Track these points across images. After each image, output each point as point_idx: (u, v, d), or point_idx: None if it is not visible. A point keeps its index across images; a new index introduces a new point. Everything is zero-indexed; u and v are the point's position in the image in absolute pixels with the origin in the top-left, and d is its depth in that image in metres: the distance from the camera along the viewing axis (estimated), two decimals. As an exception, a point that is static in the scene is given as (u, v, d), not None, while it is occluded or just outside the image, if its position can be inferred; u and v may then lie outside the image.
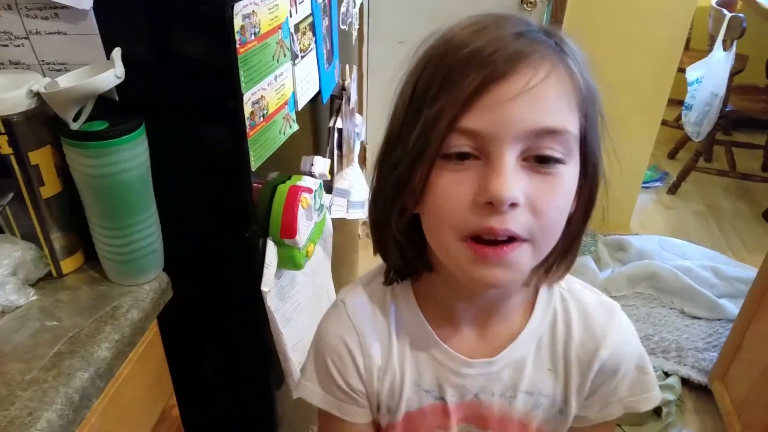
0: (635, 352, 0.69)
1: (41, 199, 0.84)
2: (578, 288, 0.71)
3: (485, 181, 0.52)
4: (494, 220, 0.52)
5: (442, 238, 0.57)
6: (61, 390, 0.70)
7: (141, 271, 0.90)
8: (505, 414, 0.69)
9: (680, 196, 3.26)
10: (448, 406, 0.69)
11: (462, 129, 0.52)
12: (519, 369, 0.67)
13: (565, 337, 0.67)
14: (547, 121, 0.52)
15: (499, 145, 0.52)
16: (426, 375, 0.68)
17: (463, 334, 0.68)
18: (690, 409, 1.95)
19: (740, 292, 2.19)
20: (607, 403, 0.70)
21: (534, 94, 0.51)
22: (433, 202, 0.56)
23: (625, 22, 2.37)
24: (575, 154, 0.56)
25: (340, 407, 0.71)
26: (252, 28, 0.83)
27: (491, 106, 0.51)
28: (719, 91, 2.90)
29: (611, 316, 0.68)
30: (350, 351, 0.68)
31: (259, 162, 0.91)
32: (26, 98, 0.78)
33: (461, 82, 0.51)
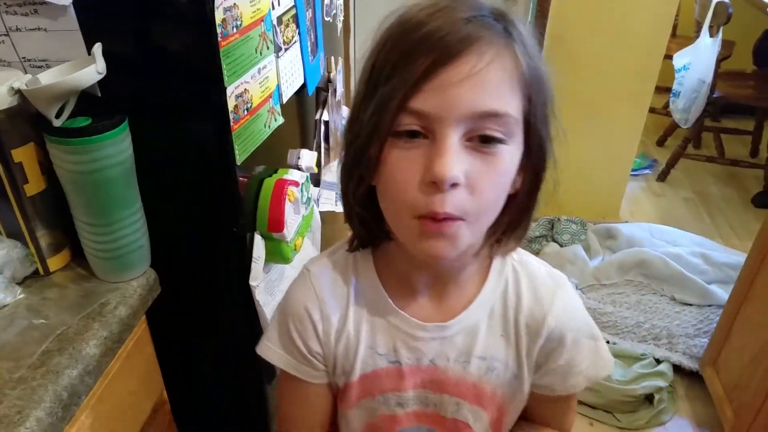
0: (583, 321, 0.74)
1: (26, 197, 0.83)
2: (529, 260, 0.75)
3: (430, 161, 0.56)
4: (437, 200, 0.56)
5: (393, 213, 0.62)
6: (49, 388, 0.70)
7: (128, 268, 0.89)
8: (460, 378, 0.72)
9: (669, 183, 3.28)
10: (402, 369, 0.72)
11: (411, 109, 0.56)
12: (472, 335, 0.71)
13: (515, 305, 0.71)
14: (489, 105, 0.55)
15: (444, 126, 0.55)
16: (381, 339, 0.72)
17: (418, 301, 0.72)
18: (682, 396, 1.96)
19: (730, 277, 2.20)
20: (568, 375, 0.73)
21: (478, 78, 0.55)
22: (385, 177, 0.60)
23: (611, 10, 2.37)
24: (517, 135, 0.60)
25: (298, 368, 0.75)
26: (234, 21, 0.82)
27: (438, 89, 0.55)
28: (706, 78, 2.91)
29: (558, 287, 0.72)
30: (311, 316, 0.72)
31: (244, 156, 0.91)
32: (8, 96, 0.77)
33: (412, 65, 0.55)
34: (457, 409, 0.74)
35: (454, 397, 0.73)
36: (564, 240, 2.59)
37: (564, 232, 2.61)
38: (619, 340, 2.09)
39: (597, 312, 2.16)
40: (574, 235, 2.60)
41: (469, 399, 0.73)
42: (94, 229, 0.85)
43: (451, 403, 0.73)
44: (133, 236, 0.87)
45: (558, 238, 2.61)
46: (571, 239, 2.59)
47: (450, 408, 0.74)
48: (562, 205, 2.76)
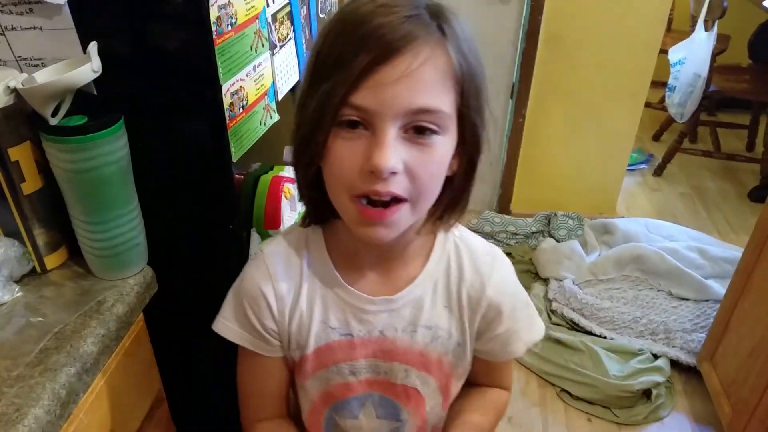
0: (518, 291, 0.81)
1: (23, 196, 0.84)
2: (468, 236, 0.80)
3: (370, 152, 0.60)
4: (378, 184, 0.61)
5: (336, 196, 0.67)
6: (47, 386, 0.70)
7: (125, 266, 0.90)
8: (408, 347, 0.77)
9: (666, 178, 3.28)
10: (354, 341, 0.77)
11: (351, 104, 0.60)
12: (418, 307, 0.76)
13: (458, 278, 0.77)
14: (422, 102, 0.60)
15: (382, 121, 0.60)
16: (333, 314, 0.76)
17: (366, 277, 0.76)
18: (679, 391, 1.97)
19: (727, 272, 2.21)
20: (508, 342, 0.80)
21: (412, 78, 0.59)
22: (329, 164, 0.64)
23: (607, 5, 2.37)
24: (450, 126, 0.64)
25: (254, 342, 0.78)
26: (228, 18, 0.82)
27: (375, 87, 0.59)
28: (702, 72, 2.91)
29: (495, 261, 0.79)
30: (265, 295, 0.76)
31: (240, 153, 0.91)
32: (3, 95, 0.77)
33: (351, 64, 0.59)
34: (405, 375, 0.79)
35: (402, 365, 0.78)
36: (560, 235, 2.60)
37: (560, 228, 2.62)
38: (617, 336, 2.10)
39: (594, 307, 2.17)
40: (570, 231, 2.61)
41: (417, 366, 0.78)
42: (90, 227, 0.85)
43: (400, 371, 0.79)
44: (130, 234, 0.88)
45: (554, 234, 2.61)
46: (568, 235, 2.60)
47: (399, 375, 0.79)
48: (559, 201, 2.76)
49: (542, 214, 2.69)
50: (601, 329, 2.12)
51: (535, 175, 2.76)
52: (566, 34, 2.44)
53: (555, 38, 2.45)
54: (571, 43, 2.46)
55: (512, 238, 2.64)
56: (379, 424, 0.83)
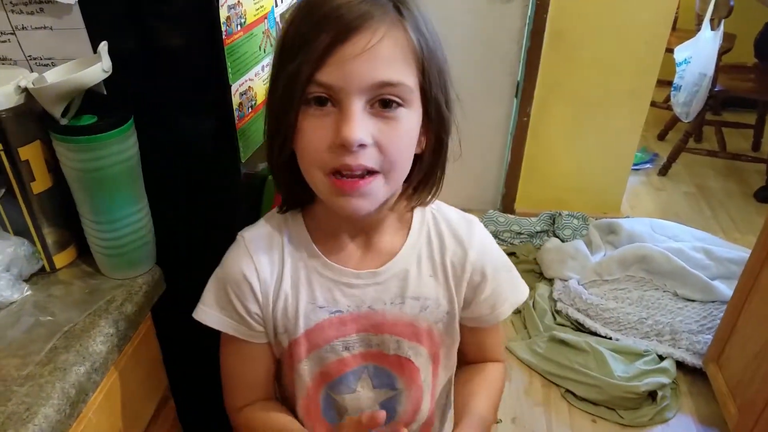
0: (499, 254, 0.84)
1: (32, 195, 0.84)
2: (443, 207, 0.83)
3: (338, 127, 0.64)
4: (348, 158, 0.64)
5: (310, 173, 0.69)
6: (57, 385, 0.71)
7: (133, 265, 0.90)
8: (397, 319, 0.79)
9: (671, 178, 3.28)
10: (344, 317, 0.79)
11: (317, 81, 0.63)
12: (404, 278, 0.79)
13: (440, 247, 0.80)
14: (384, 76, 0.63)
15: (347, 96, 0.63)
16: (319, 293, 0.78)
17: (350, 253, 0.79)
18: (685, 392, 1.97)
19: (733, 273, 2.20)
20: (495, 304, 0.83)
21: (372, 53, 0.63)
22: (300, 142, 0.68)
23: (612, 3, 2.36)
24: (414, 101, 0.67)
25: (237, 328, 0.80)
26: (238, 18, 0.82)
27: (338, 64, 0.62)
28: (708, 71, 2.90)
29: (471, 226, 0.82)
30: (247, 279, 0.77)
31: (248, 153, 0.91)
32: (14, 94, 0.78)
33: (314, 43, 0.62)
34: (398, 346, 0.81)
35: (393, 336, 0.80)
36: (565, 235, 2.60)
37: (565, 227, 2.61)
38: (622, 337, 2.10)
39: (599, 308, 2.17)
40: (575, 231, 2.61)
41: (407, 336, 0.81)
42: (99, 226, 0.85)
43: (392, 342, 0.81)
44: (139, 233, 0.88)
45: (559, 234, 2.61)
46: (573, 234, 2.60)
47: (391, 346, 0.81)
48: (563, 200, 2.76)
49: (547, 214, 2.69)
50: (606, 330, 2.12)
51: (539, 174, 2.76)
52: (571, 33, 2.44)
53: (560, 37, 2.44)
54: (576, 42, 2.45)
55: (516, 238, 2.64)
56: (377, 394, 0.85)
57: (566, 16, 2.40)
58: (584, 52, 2.47)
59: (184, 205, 0.94)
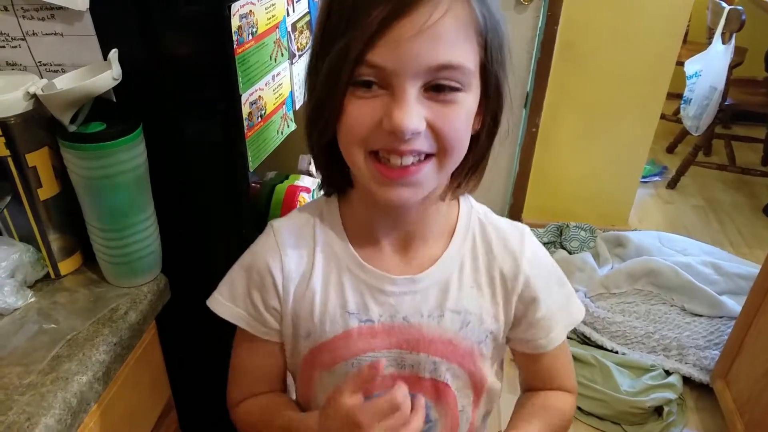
0: (552, 266, 0.76)
1: (39, 201, 0.83)
2: (492, 215, 0.76)
3: (389, 111, 0.56)
4: (393, 140, 0.57)
5: (351, 155, 0.62)
6: (59, 395, 0.70)
7: (139, 273, 0.89)
8: (435, 335, 0.71)
9: (679, 191, 3.26)
10: (375, 327, 0.71)
11: (368, 62, 0.56)
12: (444, 289, 0.71)
13: (486, 256, 0.72)
14: (444, 58, 0.56)
15: (401, 80, 0.56)
16: (350, 295, 0.71)
17: (386, 256, 0.71)
18: (692, 408, 1.94)
19: (741, 288, 2.18)
20: (550, 328, 0.74)
21: (432, 31, 0.54)
22: (344, 124, 0.60)
23: (623, 16, 2.35)
24: (474, 83, 0.60)
25: (249, 322, 0.74)
26: (249, 28, 0.82)
27: (393, 44, 0.54)
28: (718, 85, 2.89)
29: (523, 236, 0.74)
30: (271, 271, 0.71)
31: (257, 162, 0.91)
32: (23, 100, 0.77)
33: (366, 18, 0.54)
34: (434, 368, 0.72)
35: (431, 356, 0.72)
36: (573, 247, 2.58)
37: (573, 239, 2.60)
38: (629, 351, 2.08)
39: (606, 321, 2.15)
40: (582, 242, 2.59)
41: (447, 356, 0.72)
42: (106, 234, 0.85)
43: (428, 363, 0.72)
44: (145, 242, 0.87)
45: (566, 245, 2.59)
46: (580, 246, 2.58)
47: (427, 367, 0.72)
48: (571, 211, 2.75)
49: (554, 225, 2.68)
50: (612, 344, 2.10)
51: (547, 184, 2.75)
52: (581, 44, 2.43)
53: (570, 48, 2.43)
54: (586, 53, 2.44)
55: (523, 248, 2.62)
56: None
57: (577, 27, 2.39)
58: (594, 64, 2.46)
59: (191, 214, 0.94)
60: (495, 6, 0.61)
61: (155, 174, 0.86)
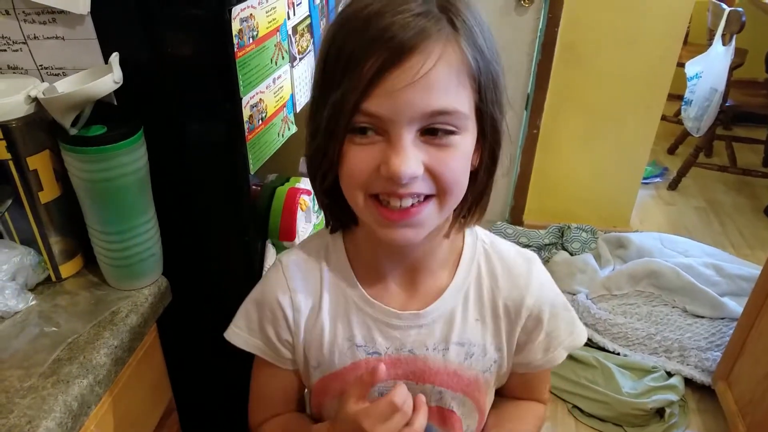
0: (557, 295, 0.77)
1: (40, 204, 0.84)
2: (498, 242, 0.77)
3: (386, 157, 0.58)
4: (392, 184, 0.59)
5: (354, 198, 0.64)
6: (60, 398, 0.70)
7: (140, 275, 0.89)
8: (441, 367, 0.73)
9: (680, 192, 3.26)
10: (382, 359, 0.73)
11: (364, 111, 0.58)
12: (449, 322, 0.72)
13: (491, 288, 0.73)
14: (437, 105, 0.57)
15: (397, 127, 0.58)
16: (357, 330, 0.73)
17: (391, 290, 0.73)
18: (693, 410, 1.94)
19: (743, 290, 2.18)
20: (549, 349, 0.76)
21: (425, 80, 0.56)
22: (345, 169, 0.62)
23: (624, 17, 2.36)
24: (469, 124, 0.62)
25: (266, 352, 0.77)
26: (250, 31, 0.82)
27: (387, 94, 0.56)
28: (719, 86, 2.89)
29: (530, 266, 0.75)
30: (282, 306, 0.74)
31: (257, 165, 0.91)
32: (24, 103, 0.77)
33: (360, 69, 0.56)
34: (440, 397, 0.75)
35: (436, 387, 0.74)
36: (574, 248, 2.58)
37: (574, 241, 2.60)
38: (630, 352, 2.08)
39: (608, 323, 2.15)
40: (584, 244, 2.59)
41: (452, 387, 0.74)
42: (106, 237, 0.85)
43: (434, 393, 0.74)
44: (146, 244, 0.87)
45: (568, 246, 2.59)
46: (582, 248, 2.58)
47: (434, 397, 0.75)
48: (572, 213, 2.75)
49: (555, 226, 2.68)
50: (614, 345, 2.10)
51: (548, 186, 2.75)
52: (582, 46, 2.43)
53: (571, 50, 2.44)
54: (586, 55, 2.44)
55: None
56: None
57: (577, 28, 2.39)
58: (595, 65, 2.46)
59: (192, 216, 0.94)
60: (489, 44, 0.62)
61: (156, 177, 0.86)
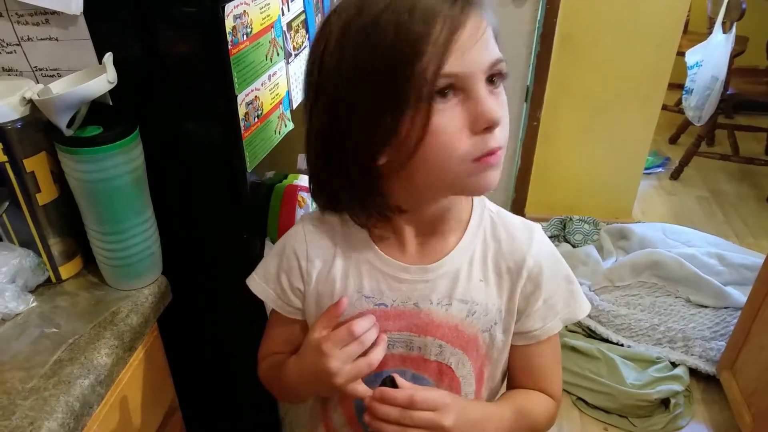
0: (558, 263, 0.80)
1: (38, 206, 0.84)
2: (504, 212, 0.82)
3: (476, 110, 0.63)
4: (491, 141, 0.64)
5: (447, 168, 0.65)
6: (61, 398, 0.70)
7: (139, 275, 0.89)
8: (443, 320, 0.77)
9: (683, 182, 3.25)
10: (387, 311, 0.77)
11: (445, 74, 0.61)
12: (454, 279, 0.76)
13: (495, 251, 0.78)
14: (496, 54, 0.65)
15: (475, 81, 0.63)
16: (366, 281, 0.77)
17: (403, 248, 0.77)
18: (698, 400, 1.94)
19: (746, 279, 2.18)
20: (546, 317, 0.79)
21: (486, 35, 0.64)
22: (433, 140, 0.63)
23: (623, 7, 2.35)
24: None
25: (275, 301, 0.82)
26: (244, 28, 0.82)
27: (461, 53, 0.61)
28: (720, 74, 2.88)
29: (532, 233, 0.79)
30: (297, 256, 0.80)
31: (254, 162, 0.91)
32: (20, 105, 0.78)
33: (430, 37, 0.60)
34: (440, 351, 0.78)
35: (437, 339, 0.78)
36: (576, 240, 2.58)
37: (576, 233, 2.59)
38: (634, 343, 2.07)
39: (611, 314, 2.14)
40: (586, 236, 2.59)
41: (452, 341, 0.78)
42: (105, 237, 0.85)
43: (435, 346, 0.78)
44: (145, 244, 0.87)
45: (570, 239, 2.59)
46: (584, 239, 2.58)
47: (433, 350, 0.78)
48: (574, 205, 2.74)
49: (557, 219, 2.67)
50: (618, 336, 2.10)
51: (549, 178, 2.74)
52: (581, 37, 2.42)
53: (570, 40, 2.43)
54: (586, 46, 2.44)
55: (527, 243, 2.62)
56: None
57: (576, 19, 2.38)
58: (594, 56, 2.45)
59: (190, 215, 0.94)
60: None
61: (153, 176, 0.86)
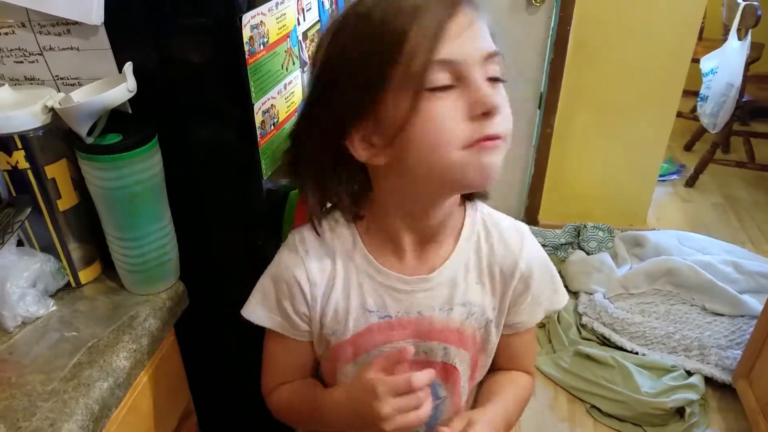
0: (545, 261, 0.85)
1: (58, 212, 0.85)
2: (494, 214, 0.84)
3: (474, 98, 0.63)
4: (490, 126, 0.64)
5: (440, 155, 0.64)
6: (81, 401, 0.72)
7: (157, 280, 0.91)
8: (445, 325, 0.80)
9: (698, 189, 3.23)
10: (392, 322, 0.79)
11: (440, 61, 0.62)
12: (452, 286, 0.79)
13: (488, 254, 0.80)
14: (492, 46, 0.65)
15: (471, 69, 0.63)
16: (369, 296, 0.78)
17: (400, 258, 0.79)
18: (714, 409, 1.92)
19: (763, 287, 2.16)
20: (532, 312, 0.85)
21: (478, 26, 0.64)
22: (430, 128, 0.63)
23: (637, 13, 2.34)
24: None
25: (282, 326, 0.81)
26: (260, 38, 0.83)
27: (453, 40, 0.62)
28: (735, 81, 2.86)
29: (522, 236, 0.83)
30: (299, 281, 0.78)
31: (270, 170, 0.92)
32: (42, 114, 0.79)
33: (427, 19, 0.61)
34: (445, 353, 0.82)
35: (441, 343, 0.81)
36: (590, 247, 2.57)
37: (590, 240, 2.59)
38: (649, 351, 2.06)
39: (625, 322, 2.13)
40: (600, 243, 2.58)
41: (455, 343, 0.81)
42: (123, 243, 0.86)
43: (440, 349, 0.81)
44: (162, 250, 0.89)
45: (584, 246, 2.58)
46: (598, 247, 2.57)
47: (439, 353, 0.81)
48: (588, 212, 2.73)
49: (571, 226, 2.66)
50: (632, 345, 2.09)
51: (563, 185, 2.74)
52: (595, 43, 2.42)
53: (583, 47, 2.43)
54: (600, 53, 2.43)
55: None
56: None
57: (590, 26, 2.38)
58: (608, 63, 2.45)
59: (207, 221, 0.95)
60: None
61: (171, 183, 0.87)
